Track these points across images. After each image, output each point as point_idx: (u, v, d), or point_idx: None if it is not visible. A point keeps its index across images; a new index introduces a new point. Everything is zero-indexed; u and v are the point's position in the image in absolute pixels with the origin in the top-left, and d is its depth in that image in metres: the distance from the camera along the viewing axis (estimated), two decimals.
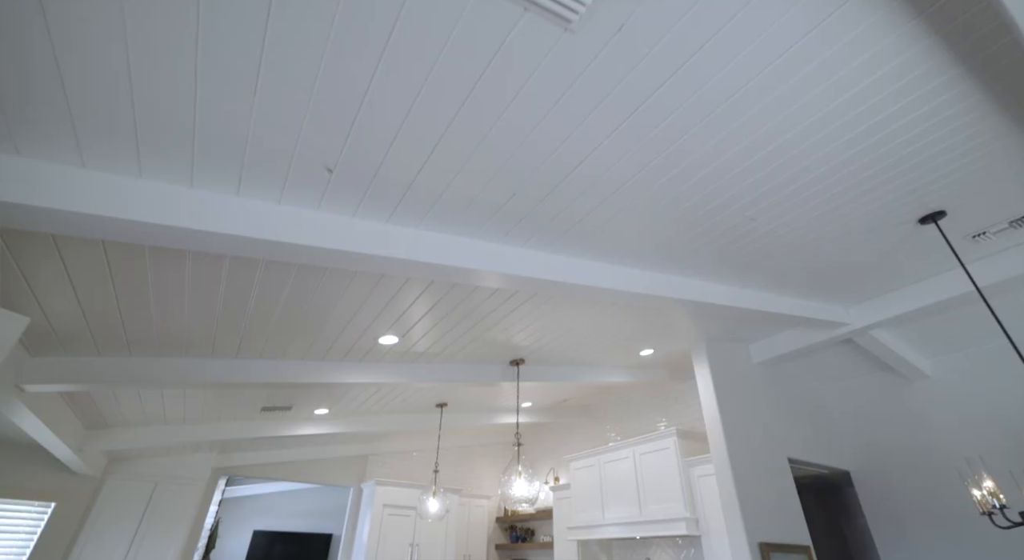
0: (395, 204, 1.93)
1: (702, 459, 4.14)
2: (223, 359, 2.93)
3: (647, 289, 2.54)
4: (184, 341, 2.72)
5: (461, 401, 4.93)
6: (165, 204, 1.63)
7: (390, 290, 2.49)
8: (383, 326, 2.89)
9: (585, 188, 1.98)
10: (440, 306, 2.77)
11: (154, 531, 4.81)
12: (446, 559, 5.75)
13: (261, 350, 2.94)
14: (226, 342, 2.78)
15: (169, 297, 2.31)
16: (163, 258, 2.03)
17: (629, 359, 4.28)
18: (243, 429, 4.37)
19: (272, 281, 2.29)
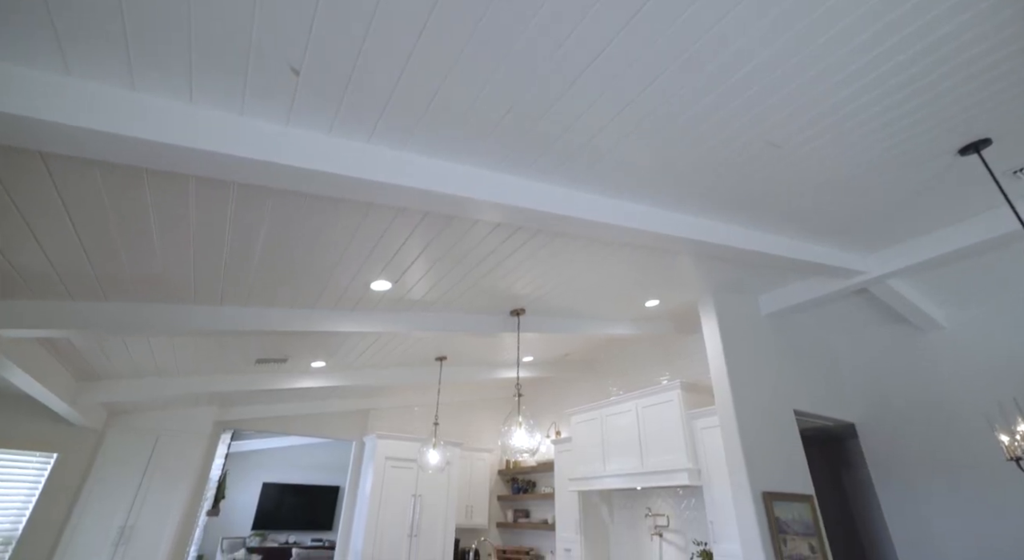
0: (376, 118, 1.70)
1: (706, 411, 4.07)
2: (207, 306, 2.79)
3: (657, 228, 2.35)
4: (163, 285, 2.57)
5: (461, 355, 4.84)
6: (105, 107, 1.43)
7: (379, 224, 2.28)
8: (374, 269, 2.71)
9: (591, 103, 1.75)
10: (434, 246, 2.59)
11: (159, 482, 4.85)
12: (448, 510, 5.83)
13: (247, 297, 2.80)
14: (207, 287, 2.63)
15: (134, 233, 2.13)
16: (119, 182, 1.82)
17: (634, 311, 4.13)
18: (240, 382, 4.30)
19: (247, 215, 2.10)
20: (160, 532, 4.71)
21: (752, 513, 3.20)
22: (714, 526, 3.78)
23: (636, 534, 4.85)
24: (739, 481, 3.32)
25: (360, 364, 4.62)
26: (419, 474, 5.81)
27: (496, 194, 1.94)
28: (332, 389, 5.49)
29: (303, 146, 1.64)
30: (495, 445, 7.14)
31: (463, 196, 1.87)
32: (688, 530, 4.38)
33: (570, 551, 5.04)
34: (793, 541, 3.26)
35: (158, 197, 1.94)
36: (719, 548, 3.69)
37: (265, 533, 11.42)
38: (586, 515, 5.09)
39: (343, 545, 5.80)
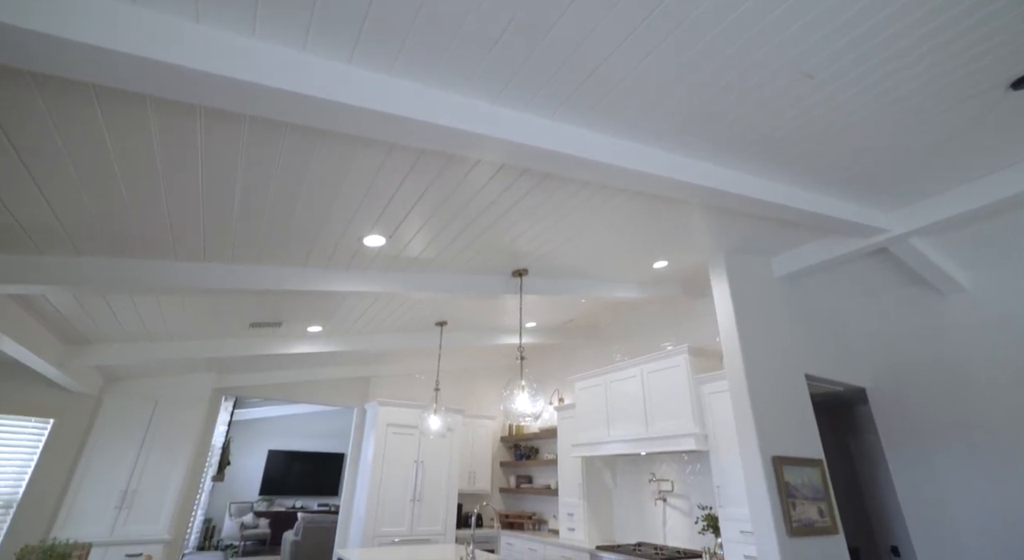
0: (357, 31, 1.49)
1: (713, 376, 3.95)
2: (190, 262, 2.63)
3: (669, 172, 2.16)
4: (138, 239, 2.41)
5: (462, 319, 4.71)
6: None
7: (370, 164, 2.08)
8: (366, 221, 2.53)
9: (598, 20, 1.54)
10: (430, 196, 2.40)
11: (159, 448, 4.82)
12: (451, 475, 5.82)
13: (232, 254, 2.64)
14: (187, 241, 2.47)
15: (96, 177, 1.95)
16: (67, 112, 1.63)
17: (641, 272, 3.97)
18: (235, 347, 4.20)
19: (219, 152, 1.90)
20: (162, 496, 4.70)
21: (762, 477, 3.11)
22: (720, 491, 3.71)
23: (639, 499, 4.82)
24: (749, 445, 3.23)
25: (358, 329, 4.50)
26: (421, 440, 5.78)
27: (495, 128, 1.74)
28: (331, 356, 5.40)
29: (272, 63, 1.44)
30: (497, 412, 7.11)
31: (458, 128, 1.67)
32: (692, 495, 4.33)
33: (573, 515, 5.03)
34: (802, 505, 3.18)
35: (117, 134, 1.75)
36: (725, 512, 3.63)
37: (272, 498, 11.63)
38: (589, 480, 5.06)
39: (346, 510, 5.82)
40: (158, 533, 4.58)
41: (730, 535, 3.56)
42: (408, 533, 5.34)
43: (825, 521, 3.25)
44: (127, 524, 4.48)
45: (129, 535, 4.46)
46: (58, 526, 4.23)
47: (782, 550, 2.93)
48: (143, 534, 4.51)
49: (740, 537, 3.49)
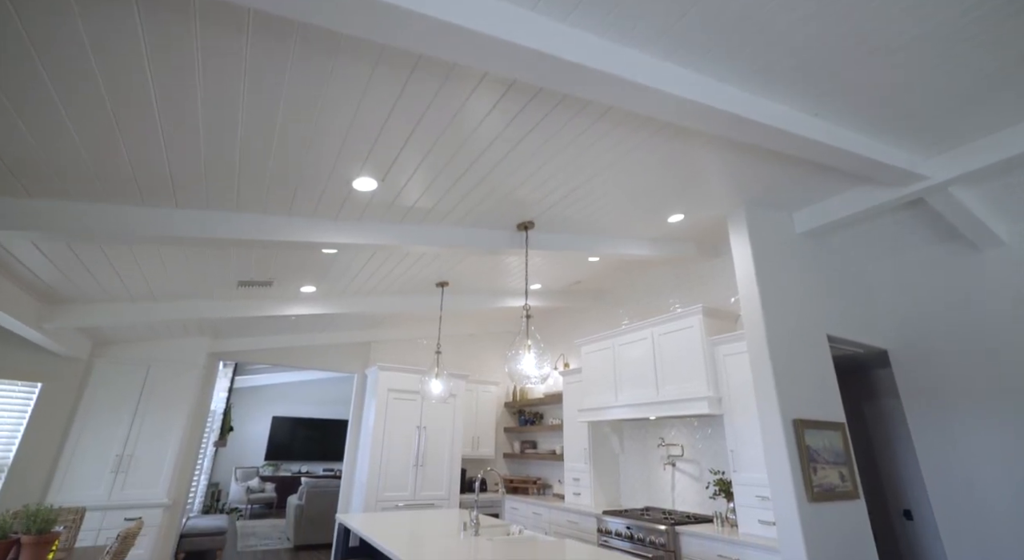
0: None
1: (729, 337, 3.75)
2: (158, 208, 2.39)
3: (699, 97, 1.88)
4: (94, 177, 2.16)
5: (464, 280, 4.49)
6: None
7: (352, 85, 1.81)
8: (354, 159, 2.27)
9: None
10: (426, 128, 2.13)
11: (154, 413, 4.70)
12: (454, 441, 5.73)
13: (206, 198, 2.39)
14: (153, 183, 2.22)
15: (37, 106, 1.69)
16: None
17: (655, 228, 3.72)
18: (226, 309, 4.00)
19: (175, 62, 1.64)
20: (160, 461, 4.61)
21: (782, 441, 2.94)
22: (735, 455, 3.56)
23: (647, 464, 4.71)
24: (768, 408, 3.05)
25: (354, 290, 4.29)
26: (423, 406, 5.66)
27: (498, 27, 1.46)
28: (330, 320, 5.22)
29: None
30: (502, 377, 6.99)
31: (453, 24, 1.39)
32: (703, 460, 4.20)
33: (579, 480, 4.93)
34: (823, 470, 3.02)
35: (49, 47, 1.49)
36: (739, 477, 3.49)
37: (278, 463, 11.74)
38: (595, 446, 4.94)
39: (348, 475, 5.76)
40: (157, 497, 4.50)
41: (744, 500, 3.43)
42: (411, 498, 5.28)
43: (846, 486, 3.10)
44: (124, 488, 4.40)
45: (127, 499, 4.38)
46: (54, 491, 4.15)
47: (802, 516, 2.79)
48: (141, 498, 4.44)
49: (755, 502, 3.35)
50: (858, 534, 3.01)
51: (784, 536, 2.82)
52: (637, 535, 3.80)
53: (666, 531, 3.59)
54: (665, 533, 3.59)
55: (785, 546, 2.80)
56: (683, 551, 3.53)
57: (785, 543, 2.81)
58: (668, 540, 3.57)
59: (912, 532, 4.24)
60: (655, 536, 3.66)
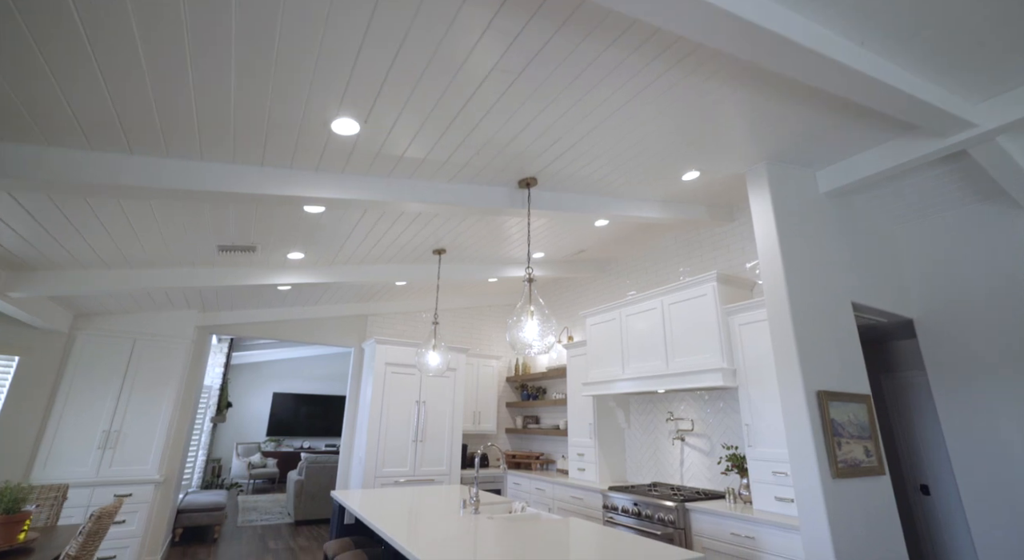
0: None
1: (745, 306, 3.51)
2: (107, 152, 2.11)
3: (731, 7, 1.58)
4: (38, 121, 1.89)
5: (462, 248, 4.23)
6: None
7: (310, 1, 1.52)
8: (330, 95, 1.97)
9: None
10: (407, 57, 1.84)
11: (142, 388, 4.52)
12: (455, 416, 5.56)
13: (164, 145, 2.12)
14: (97, 123, 1.94)
15: None
16: None
17: (668, 185, 3.43)
18: (209, 277, 3.76)
19: None
20: (149, 437, 4.45)
21: (805, 414, 2.73)
22: (750, 430, 3.36)
23: (655, 439, 4.53)
24: (790, 380, 2.82)
25: (345, 258, 4.04)
26: (422, 380, 5.48)
27: None
28: (323, 292, 4.99)
29: None
30: (503, 351, 6.79)
31: None
32: (714, 434, 4.01)
33: (583, 456, 4.77)
34: (848, 444, 2.82)
35: None
36: (754, 452, 3.29)
37: (280, 439, 11.71)
38: (601, 420, 4.76)
39: (347, 451, 5.62)
40: (147, 474, 4.36)
41: (759, 476, 3.24)
42: (411, 474, 5.14)
43: (871, 461, 2.90)
44: (113, 465, 4.25)
45: (116, 475, 4.23)
46: (38, 467, 3.99)
47: (826, 492, 2.59)
48: (131, 474, 4.29)
49: (771, 478, 3.16)
50: (883, 512, 2.82)
51: (805, 514, 2.63)
52: (645, 512, 3.63)
53: (676, 508, 3.42)
54: (675, 510, 3.42)
55: (807, 524, 2.61)
56: (693, 528, 3.36)
57: (806, 521, 2.62)
58: (678, 517, 3.40)
59: (929, 507, 4.08)
60: (664, 513, 3.49)
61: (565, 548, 2.17)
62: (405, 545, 2.11)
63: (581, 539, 2.36)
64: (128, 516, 4.18)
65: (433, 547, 2.12)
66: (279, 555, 5.21)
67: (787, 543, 2.80)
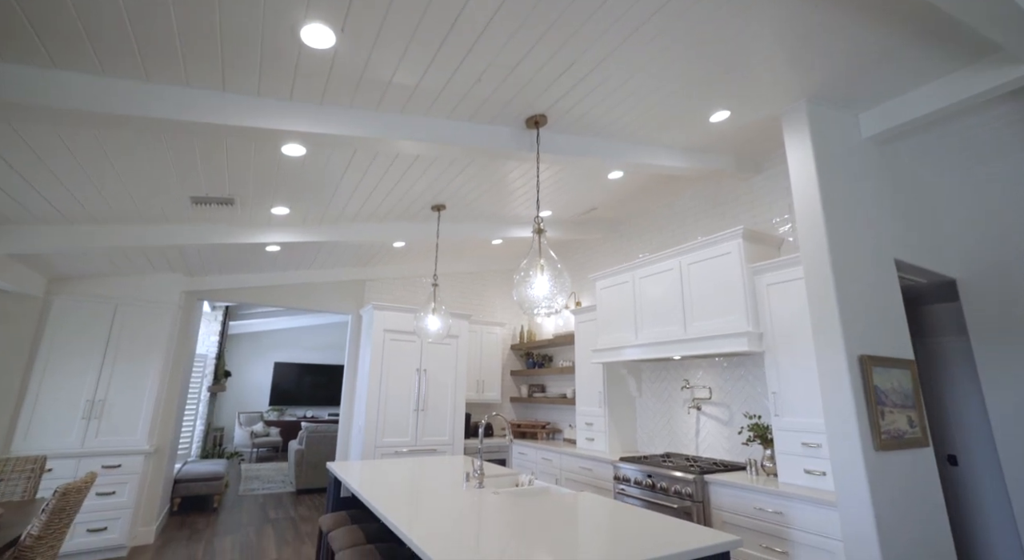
0: None
1: (774, 264, 3.19)
2: (26, 66, 1.75)
3: None
4: None
5: (462, 203, 3.89)
6: None
7: None
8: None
9: None
10: None
11: (126, 356, 4.27)
12: (457, 384, 5.34)
13: (97, 59, 1.76)
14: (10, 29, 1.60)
15: None
16: None
17: (694, 128, 3.07)
18: (186, 234, 3.45)
19: None
20: (136, 406, 4.24)
21: (846, 381, 2.44)
22: (776, 398, 3.09)
23: (669, 408, 4.29)
24: (830, 343, 2.53)
25: (336, 214, 3.71)
26: (423, 347, 5.23)
27: None
28: (315, 254, 4.68)
29: None
30: (508, 318, 6.53)
31: None
32: (734, 403, 3.76)
33: (592, 425, 4.55)
34: (891, 414, 2.55)
35: None
36: (781, 422, 3.04)
37: (283, 408, 11.65)
38: (611, 388, 4.52)
39: (346, 421, 5.43)
40: (136, 444, 4.16)
41: (786, 447, 2.99)
42: (413, 444, 4.95)
43: (915, 432, 2.64)
44: (99, 435, 4.05)
45: (103, 446, 4.04)
46: (18, 439, 3.79)
47: (868, 466, 2.33)
48: (119, 445, 4.10)
49: (800, 450, 2.92)
50: (926, 487, 2.57)
51: (844, 489, 2.38)
52: (660, 484, 3.42)
53: (694, 480, 3.19)
54: (693, 482, 3.19)
55: (845, 500, 2.37)
56: (712, 502, 3.14)
57: (845, 496, 2.37)
58: (696, 490, 3.18)
59: (957, 478, 3.85)
60: (680, 485, 3.27)
61: (583, 530, 1.92)
62: (404, 529, 1.87)
63: (598, 519, 2.11)
64: (118, 487, 4.00)
65: (434, 529, 1.88)
66: (279, 524, 5.09)
67: (820, 519, 2.57)
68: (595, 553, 1.63)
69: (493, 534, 1.81)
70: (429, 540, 1.72)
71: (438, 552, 1.60)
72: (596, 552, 1.64)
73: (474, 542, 1.71)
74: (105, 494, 3.94)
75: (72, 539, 3.79)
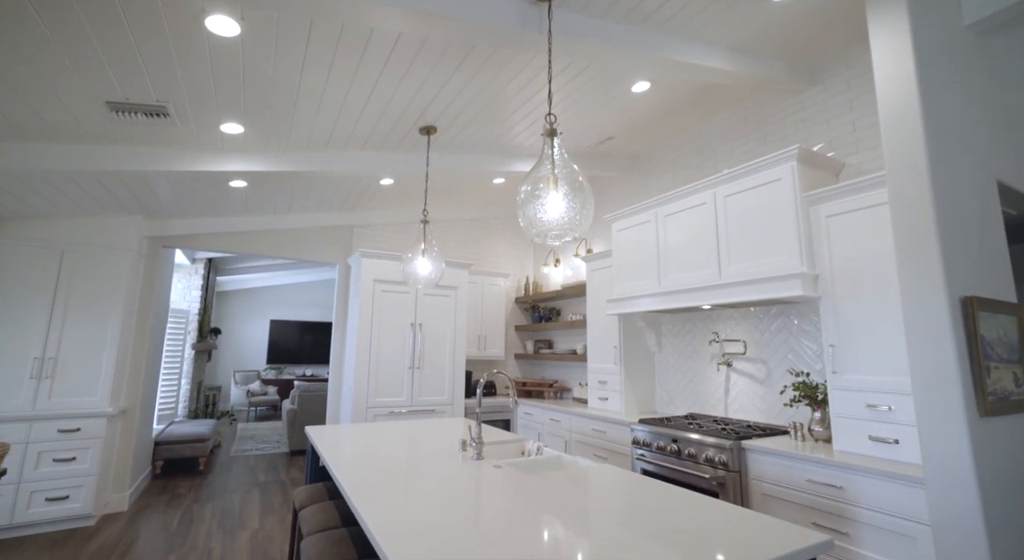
0: None
1: (834, 191, 2.61)
2: None
3: None
4: None
5: (456, 125, 3.26)
6: None
7: None
8: None
9: None
10: None
11: (79, 308, 3.78)
12: (456, 340, 4.85)
13: None
14: None
15: None
16: None
17: (745, 16, 2.39)
18: (113, 158, 2.85)
19: None
20: (95, 364, 3.78)
21: (946, 328, 1.90)
22: (835, 352, 2.57)
23: (693, 365, 3.80)
24: (925, 281, 1.97)
25: (305, 138, 3.10)
26: (418, 300, 4.72)
27: None
28: (291, 190, 4.09)
29: None
30: (511, 268, 5.98)
31: None
32: (772, 358, 3.25)
33: (606, 383, 4.09)
34: (997, 370, 2.02)
35: None
36: (840, 380, 2.52)
37: (281, 366, 11.35)
38: (627, 343, 4.03)
39: (336, 381, 5.00)
40: (96, 405, 3.73)
41: (845, 409, 2.49)
42: (408, 404, 4.52)
43: (1021, 392, 2.12)
44: (52, 397, 3.61)
45: (58, 408, 3.61)
46: None
47: (972, 435, 1.83)
48: (76, 407, 3.67)
49: (864, 413, 2.42)
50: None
51: (936, 462, 1.88)
52: (687, 450, 2.96)
53: (730, 447, 2.72)
54: (729, 449, 2.73)
55: (937, 476, 1.88)
56: (751, 471, 2.68)
57: (937, 472, 1.88)
58: (732, 458, 2.71)
59: None
60: (712, 451, 2.81)
61: (615, 523, 1.44)
62: (372, 527, 1.39)
63: (631, 503, 1.63)
64: (78, 453, 3.60)
65: (413, 524, 1.40)
66: (267, 489, 4.75)
67: (895, 497, 2.09)
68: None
69: (492, 531, 1.32)
70: (402, 545, 1.23)
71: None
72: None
73: (465, 545, 1.22)
74: (64, 460, 3.54)
75: (30, 509, 3.41)
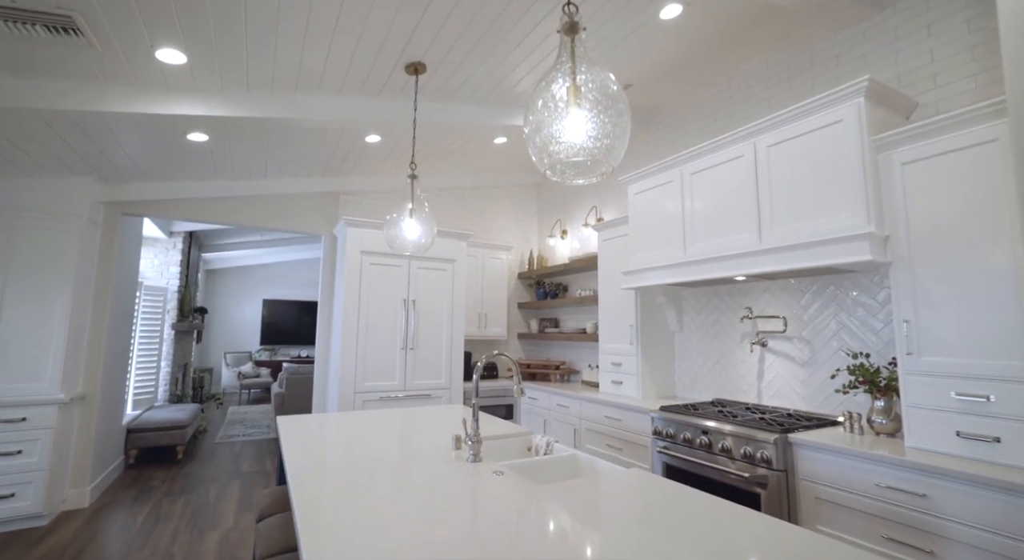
0: None
1: (913, 131, 2.11)
2: None
3: None
4: None
5: (447, 62, 2.74)
6: None
7: None
8: None
9: None
10: None
11: (18, 283, 3.33)
12: (454, 318, 4.40)
13: None
14: None
15: None
16: None
17: None
18: (25, 94, 2.36)
19: None
20: (43, 346, 3.34)
21: None
22: (912, 329, 2.10)
23: (720, 345, 3.35)
24: None
25: (267, 74, 2.58)
26: (411, 274, 4.25)
27: None
28: (265, 150, 3.59)
29: None
30: (515, 241, 5.50)
31: None
32: (818, 338, 2.79)
33: (620, 365, 3.64)
34: None
35: None
36: (918, 362, 2.06)
37: (275, 348, 10.97)
38: (645, 321, 3.57)
39: (322, 363, 4.57)
40: (45, 392, 3.31)
41: (923, 399, 2.04)
42: (401, 388, 4.09)
43: None
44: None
45: (1, 396, 3.18)
46: None
47: None
48: (21, 393, 3.24)
49: (951, 403, 1.96)
50: None
51: None
52: (721, 443, 2.52)
53: (775, 441, 2.28)
54: (773, 444, 2.29)
55: None
56: (799, 471, 2.25)
57: None
58: (776, 454, 2.28)
59: None
60: (753, 446, 2.37)
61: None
62: None
63: (695, 536, 1.18)
64: (25, 445, 3.19)
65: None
66: (249, 479, 4.37)
67: (1000, 511, 1.65)
68: None
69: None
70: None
71: None
72: None
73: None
74: (8, 455, 3.13)
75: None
